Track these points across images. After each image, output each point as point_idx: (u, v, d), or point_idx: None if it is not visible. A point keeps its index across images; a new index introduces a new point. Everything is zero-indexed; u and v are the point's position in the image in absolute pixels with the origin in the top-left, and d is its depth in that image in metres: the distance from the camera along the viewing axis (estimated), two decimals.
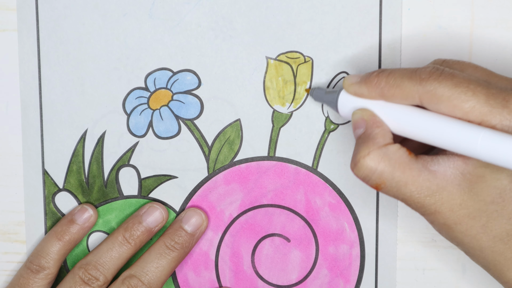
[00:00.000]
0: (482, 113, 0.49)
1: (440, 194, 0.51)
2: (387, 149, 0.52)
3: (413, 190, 0.51)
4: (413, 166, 0.51)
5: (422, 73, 0.51)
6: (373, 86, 0.53)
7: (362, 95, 0.54)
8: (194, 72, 0.62)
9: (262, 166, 0.62)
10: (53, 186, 0.63)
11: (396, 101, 0.53)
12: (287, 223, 0.63)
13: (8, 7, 0.62)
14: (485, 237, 0.51)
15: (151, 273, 0.60)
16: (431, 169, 0.51)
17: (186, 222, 0.62)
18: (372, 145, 0.52)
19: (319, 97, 0.59)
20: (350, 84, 0.55)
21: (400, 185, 0.51)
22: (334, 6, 0.60)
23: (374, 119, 0.53)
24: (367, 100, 0.54)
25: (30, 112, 0.63)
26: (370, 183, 0.52)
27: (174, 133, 0.62)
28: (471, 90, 0.50)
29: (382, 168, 0.51)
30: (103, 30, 0.62)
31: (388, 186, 0.52)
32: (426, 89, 0.51)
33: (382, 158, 0.51)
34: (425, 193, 0.51)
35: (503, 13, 0.59)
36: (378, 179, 0.52)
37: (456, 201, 0.51)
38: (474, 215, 0.51)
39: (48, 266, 0.61)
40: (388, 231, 0.62)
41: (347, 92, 0.55)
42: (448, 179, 0.51)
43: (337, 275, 0.63)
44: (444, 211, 0.51)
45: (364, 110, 0.54)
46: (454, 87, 0.50)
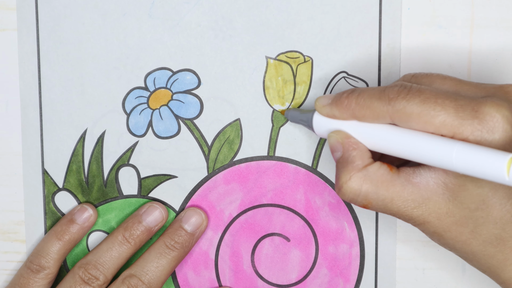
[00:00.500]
0: (453, 126, 0.49)
1: (426, 205, 0.52)
2: (367, 170, 0.52)
3: (399, 205, 0.52)
4: (396, 182, 0.52)
5: (390, 93, 0.51)
6: (344, 107, 0.54)
7: (334, 116, 0.55)
8: (194, 72, 0.62)
9: (262, 166, 0.62)
10: (53, 185, 0.63)
11: (368, 121, 0.53)
12: (286, 222, 0.63)
13: (8, 6, 0.62)
14: (475, 242, 0.52)
15: (151, 272, 0.60)
16: (414, 182, 0.52)
17: (186, 222, 0.62)
18: (352, 169, 0.53)
19: (294, 118, 0.60)
20: (321, 107, 0.55)
21: (386, 202, 0.52)
22: (334, 5, 0.60)
23: (349, 142, 0.54)
24: (341, 121, 0.55)
25: (30, 111, 0.63)
26: (357, 204, 0.53)
27: (173, 132, 0.62)
28: (439, 104, 0.50)
29: (366, 189, 0.52)
30: (103, 30, 0.62)
31: (375, 205, 0.53)
32: (395, 109, 0.51)
33: (364, 180, 0.52)
34: (412, 206, 0.52)
35: (503, 13, 0.59)
36: (364, 200, 0.53)
37: (443, 210, 0.51)
38: (461, 222, 0.51)
39: (48, 266, 0.61)
40: (388, 230, 0.62)
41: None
42: (431, 190, 0.51)
43: (337, 275, 0.63)
44: (432, 221, 0.52)
45: (338, 133, 0.54)
46: (423, 104, 0.50)
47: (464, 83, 0.52)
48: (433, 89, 0.51)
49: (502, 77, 0.60)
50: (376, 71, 0.61)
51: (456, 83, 0.53)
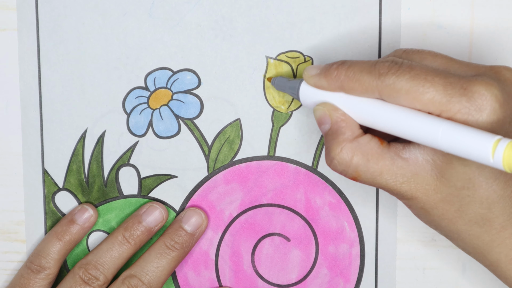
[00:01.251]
0: (441, 104, 0.49)
1: (414, 180, 0.52)
2: (358, 142, 0.52)
3: (388, 179, 0.52)
4: (385, 156, 0.52)
5: (381, 68, 0.51)
6: (333, 79, 0.53)
7: (322, 87, 0.54)
8: (194, 72, 0.62)
9: (262, 166, 0.62)
10: (53, 185, 0.63)
11: (355, 94, 0.53)
12: (287, 222, 0.63)
13: (8, 6, 0.62)
14: (461, 221, 0.52)
15: (151, 273, 0.60)
16: (404, 157, 0.52)
17: (186, 222, 0.62)
18: (343, 140, 0.53)
19: (281, 86, 0.59)
20: (309, 76, 0.55)
21: (375, 175, 0.52)
22: (334, 5, 0.60)
23: (337, 114, 0.53)
24: (328, 92, 0.54)
25: (30, 111, 0.63)
26: (347, 176, 0.53)
27: (174, 132, 0.62)
28: (429, 81, 0.50)
29: (357, 161, 0.52)
30: (103, 29, 0.62)
31: (364, 177, 0.53)
32: (385, 84, 0.51)
33: (355, 151, 0.52)
34: (400, 180, 0.52)
35: (503, 13, 0.59)
36: (354, 172, 0.52)
37: (430, 186, 0.51)
38: (448, 200, 0.51)
39: (49, 266, 0.61)
40: (388, 230, 0.62)
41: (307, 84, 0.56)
42: (420, 166, 0.51)
43: (337, 275, 0.63)
44: (420, 196, 0.52)
45: (325, 105, 0.54)
46: (412, 80, 0.50)
47: (455, 62, 0.52)
48: (424, 66, 0.51)
49: None
50: None
51: (447, 61, 0.52)
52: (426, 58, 0.53)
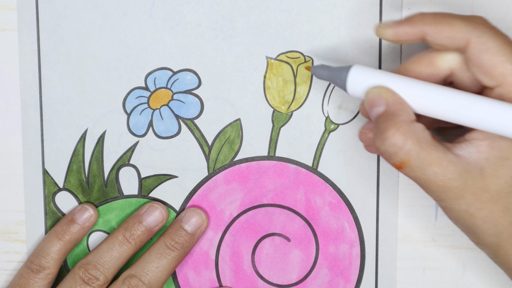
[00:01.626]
0: None
1: (464, 178, 0.50)
2: (414, 127, 0.51)
3: (437, 172, 0.50)
4: (438, 148, 0.50)
5: (477, 18, 0.50)
6: (417, 21, 0.51)
7: (402, 34, 0.52)
8: (194, 72, 0.62)
9: (262, 166, 0.62)
10: (53, 185, 0.63)
11: (439, 41, 0.51)
12: (287, 222, 0.63)
13: (8, 6, 0.62)
14: (505, 221, 0.51)
15: (151, 273, 0.60)
16: (456, 153, 0.51)
17: (186, 222, 0.62)
18: (399, 122, 0.50)
19: (323, 74, 0.56)
20: (386, 27, 0.52)
21: (425, 164, 0.50)
22: (334, 6, 0.60)
23: (394, 97, 0.52)
24: (383, 75, 0.52)
25: (30, 111, 0.63)
26: (395, 160, 0.51)
27: (174, 132, 0.62)
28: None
29: (410, 146, 0.50)
30: (103, 30, 0.62)
31: (413, 165, 0.50)
32: (478, 33, 0.50)
33: (410, 135, 0.50)
34: (450, 176, 0.50)
35: (503, 13, 0.59)
36: (405, 156, 0.50)
37: (479, 185, 0.51)
38: (495, 198, 0.51)
39: (49, 266, 0.61)
40: (388, 230, 0.62)
41: (362, 69, 0.53)
42: (471, 163, 0.51)
43: (337, 275, 0.63)
44: (467, 196, 0.51)
45: (380, 88, 0.52)
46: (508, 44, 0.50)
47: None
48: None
49: None
50: None
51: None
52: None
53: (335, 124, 0.61)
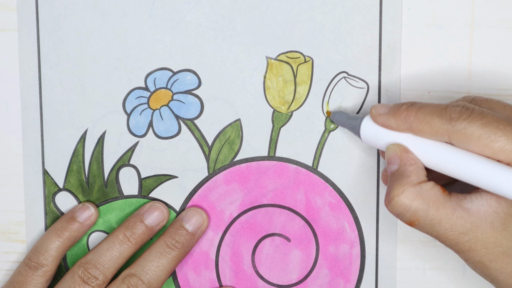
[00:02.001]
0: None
1: (474, 232, 0.51)
2: (421, 187, 0.52)
3: (447, 228, 0.52)
4: (447, 204, 0.52)
5: (452, 112, 0.51)
6: (402, 119, 0.53)
7: (389, 126, 0.54)
8: (194, 72, 0.62)
9: (262, 166, 0.62)
10: (53, 185, 0.63)
11: (424, 136, 0.53)
12: (287, 222, 0.63)
13: (8, 7, 0.62)
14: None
15: (151, 272, 0.60)
16: (465, 207, 0.52)
17: (187, 221, 0.62)
18: (406, 183, 0.52)
19: (341, 121, 0.59)
20: (378, 115, 0.55)
21: (434, 223, 0.52)
22: (334, 6, 0.60)
23: (408, 156, 0.53)
24: (393, 132, 0.54)
25: (30, 112, 0.63)
26: (404, 220, 0.53)
27: (174, 133, 0.62)
28: (500, 130, 0.50)
29: (416, 206, 0.52)
30: (103, 30, 0.62)
31: (422, 223, 0.52)
32: (455, 128, 0.51)
33: (416, 196, 0.52)
34: (459, 231, 0.52)
35: (503, 13, 0.59)
36: (412, 216, 0.52)
37: (490, 239, 0.51)
38: (508, 253, 0.52)
39: (47, 263, 0.61)
40: (388, 230, 0.62)
41: (372, 121, 0.56)
42: (481, 217, 0.51)
43: (337, 275, 0.63)
44: (479, 249, 0.52)
45: (398, 146, 0.54)
46: (484, 127, 0.50)
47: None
48: (495, 114, 0.51)
49: (502, 78, 0.60)
50: (376, 71, 0.61)
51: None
52: (495, 108, 0.53)
53: (335, 124, 0.61)
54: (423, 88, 0.61)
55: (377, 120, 0.55)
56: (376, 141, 0.56)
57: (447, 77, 0.60)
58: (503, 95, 0.60)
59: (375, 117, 0.55)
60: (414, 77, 0.60)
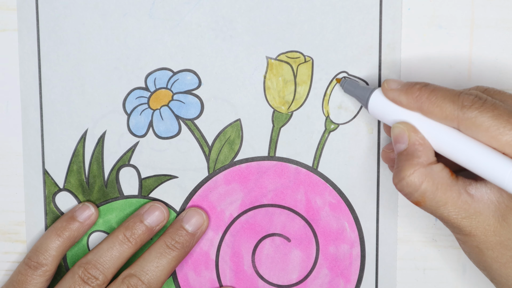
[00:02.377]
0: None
1: (476, 218, 0.52)
2: (431, 169, 0.52)
3: (451, 211, 0.52)
4: (453, 188, 0.52)
5: (465, 100, 0.51)
6: (414, 98, 0.53)
7: (400, 103, 0.54)
8: (194, 72, 0.62)
9: (263, 166, 0.62)
10: (54, 186, 0.63)
11: (433, 119, 0.53)
12: (287, 223, 0.63)
13: (8, 7, 0.62)
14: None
15: (151, 272, 0.60)
16: (470, 193, 0.52)
17: (187, 222, 0.62)
18: (417, 163, 0.53)
19: (350, 90, 0.59)
20: (390, 90, 0.55)
21: (440, 204, 0.52)
22: (334, 6, 0.60)
23: (417, 136, 0.54)
24: (403, 110, 0.54)
25: (30, 112, 0.63)
26: (411, 199, 0.53)
27: (174, 133, 0.62)
28: (510, 123, 0.50)
29: (425, 187, 0.52)
30: (103, 30, 0.62)
31: (428, 204, 0.53)
32: (466, 116, 0.51)
33: (426, 177, 0.52)
34: (462, 215, 0.52)
35: (503, 13, 0.59)
36: (420, 197, 0.53)
37: (491, 227, 0.52)
38: (506, 244, 0.52)
39: (46, 263, 0.61)
40: (389, 230, 0.62)
41: (383, 95, 0.55)
42: (484, 205, 0.52)
43: (337, 275, 0.63)
44: (478, 235, 0.52)
45: (406, 125, 0.54)
46: (495, 119, 0.50)
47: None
48: (507, 107, 0.51)
49: (502, 78, 0.60)
50: (376, 71, 0.61)
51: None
52: (507, 100, 0.53)
53: (335, 124, 0.61)
54: None
55: (388, 95, 0.55)
56: (383, 115, 0.56)
57: (447, 77, 0.60)
58: None
59: (386, 91, 0.55)
60: (414, 77, 0.60)
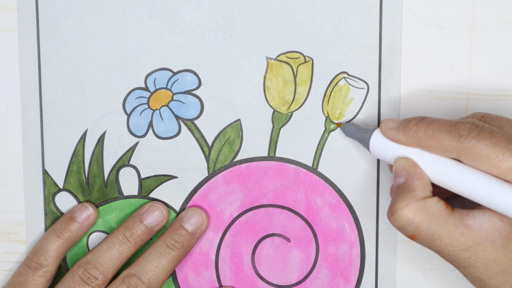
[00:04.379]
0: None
1: (474, 249, 0.52)
2: (426, 203, 0.52)
3: (448, 244, 0.52)
4: (449, 220, 0.52)
5: (462, 129, 0.52)
6: (411, 134, 0.54)
7: (399, 141, 0.55)
8: (194, 72, 0.62)
9: (262, 166, 0.62)
10: (53, 186, 0.63)
11: (433, 152, 0.53)
12: (287, 223, 0.63)
13: (8, 7, 0.62)
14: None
15: (151, 272, 0.60)
16: (467, 224, 0.52)
17: (186, 222, 0.62)
18: (411, 197, 0.53)
19: (351, 133, 0.60)
20: (387, 129, 0.55)
21: (435, 238, 0.52)
22: (334, 6, 0.60)
23: (415, 171, 0.54)
24: (402, 147, 0.55)
25: (30, 112, 0.63)
26: (405, 233, 0.53)
27: (174, 133, 0.62)
28: (509, 150, 0.50)
29: (419, 221, 0.52)
30: (103, 30, 0.62)
31: (424, 238, 0.52)
32: (464, 146, 0.51)
33: (419, 211, 0.52)
34: (460, 247, 0.52)
35: (503, 13, 0.60)
36: (414, 230, 0.52)
37: (490, 256, 0.52)
38: (508, 271, 0.52)
39: (47, 264, 0.61)
40: (388, 231, 0.62)
41: (382, 135, 0.56)
42: (483, 235, 0.52)
43: (337, 275, 0.63)
44: (478, 266, 0.52)
45: (406, 159, 0.54)
46: (493, 146, 0.50)
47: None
48: (505, 134, 0.51)
49: (502, 78, 0.60)
50: (376, 71, 0.61)
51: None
52: (505, 126, 0.53)
53: (335, 124, 0.61)
54: (423, 88, 0.61)
55: (387, 134, 0.55)
56: (385, 155, 0.56)
57: (447, 77, 0.60)
58: (503, 95, 0.60)
59: (384, 131, 0.56)
60: (414, 77, 0.60)
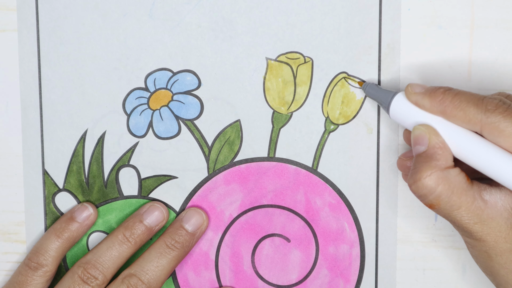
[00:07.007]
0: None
1: (488, 224, 0.52)
2: (448, 173, 0.52)
3: (464, 215, 0.52)
4: (468, 193, 0.52)
5: (489, 104, 0.52)
6: (437, 102, 0.53)
7: (423, 106, 0.54)
8: (194, 73, 0.62)
9: (262, 167, 0.62)
10: (53, 186, 0.63)
11: (455, 123, 0.53)
12: (287, 223, 0.63)
13: (8, 7, 0.62)
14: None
15: (151, 272, 0.60)
16: (484, 198, 0.52)
17: (186, 222, 0.62)
18: (434, 166, 0.52)
19: (372, 93, 0.59)
20: (413, 93, 0.55)
21: (454, 208, 0.52)
22: (334, 6, 0.60)
23: (438, 139, 0.53)
24: (426, 114, 0.54)
25: (30, 112, 0.63)
26: (425, 201, 0.53)
27: (174, 133, 0.62)
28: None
29: (441, 191, 0.52)
30: (103, 30, 0.62)
31: (442, 207, 0.53)
32: (489, 120, 0.51)
33: (442, 180, 0.52)
34: (475, 220, 0.52)
35: (503, 13, 0.60)
36: (435, 200, 0.53)
37: (502, 233, 0.52)
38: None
39: (47, 264, 0.61)
40: (388, 231, 0.62)
41: (405, 98, 0.55)
42: (498, 211, 0.52)
43: (337, 275, 0.63)
44: (489, 241, 0.52)
45: (427, 127, 0.54)
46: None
47: None
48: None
49: (502, 78, 0.60)
50: (376, 71, 0.61)
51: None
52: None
53: (335, 124, 0.61)
54: None
55: (411, 98, 0.55)
56: (404, 119, 0.55)
57: (447, 77, 0.60)
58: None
59: (409, 94, 0.55)
60: (414, 77, 0.60)
